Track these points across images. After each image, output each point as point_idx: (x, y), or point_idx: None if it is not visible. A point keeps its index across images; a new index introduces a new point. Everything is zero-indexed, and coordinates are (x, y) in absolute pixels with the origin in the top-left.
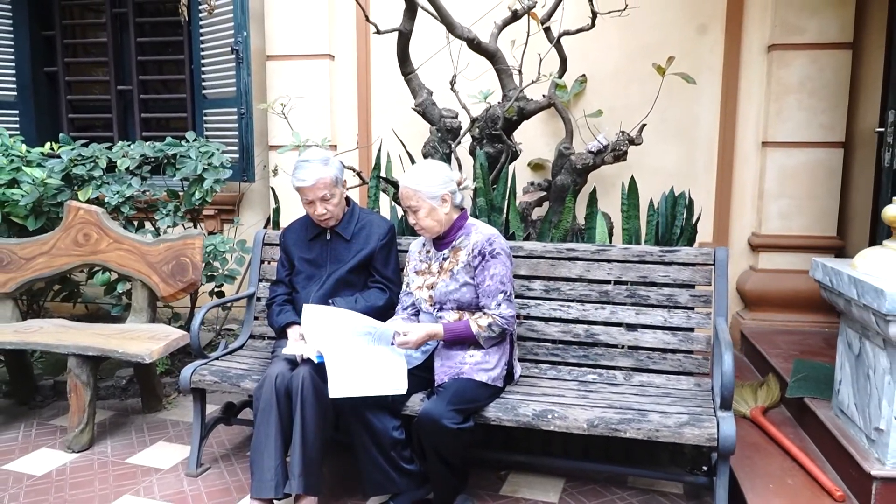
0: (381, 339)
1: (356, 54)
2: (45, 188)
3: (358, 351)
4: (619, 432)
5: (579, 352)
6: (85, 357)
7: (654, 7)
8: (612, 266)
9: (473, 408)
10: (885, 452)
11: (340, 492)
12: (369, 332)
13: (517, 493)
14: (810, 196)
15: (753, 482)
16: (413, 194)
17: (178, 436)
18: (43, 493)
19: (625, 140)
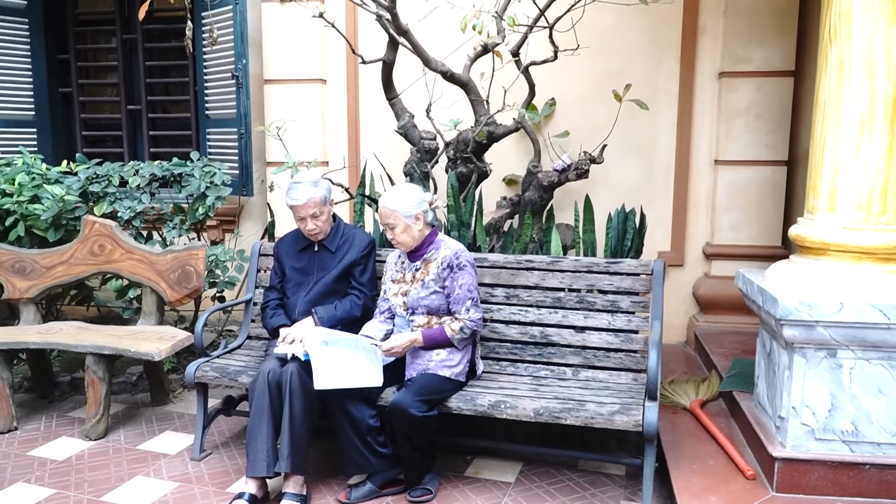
0: (365, 349)
1: (346, 79)
2: (64, 203)
3: (339, 350)
4: (561, 419)
5: (535, 351)
6: (101, 355)
7: (616, 37)
8: (565, 275)
9: (437, 399)
10: (785, 437)
11: (324, 471)
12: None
13: (480, 475)
14: (757, 209)
15: (680, 463)
16: (391, 213)
17: (184, 426)
18: (65, 475)
19: (586, 160)
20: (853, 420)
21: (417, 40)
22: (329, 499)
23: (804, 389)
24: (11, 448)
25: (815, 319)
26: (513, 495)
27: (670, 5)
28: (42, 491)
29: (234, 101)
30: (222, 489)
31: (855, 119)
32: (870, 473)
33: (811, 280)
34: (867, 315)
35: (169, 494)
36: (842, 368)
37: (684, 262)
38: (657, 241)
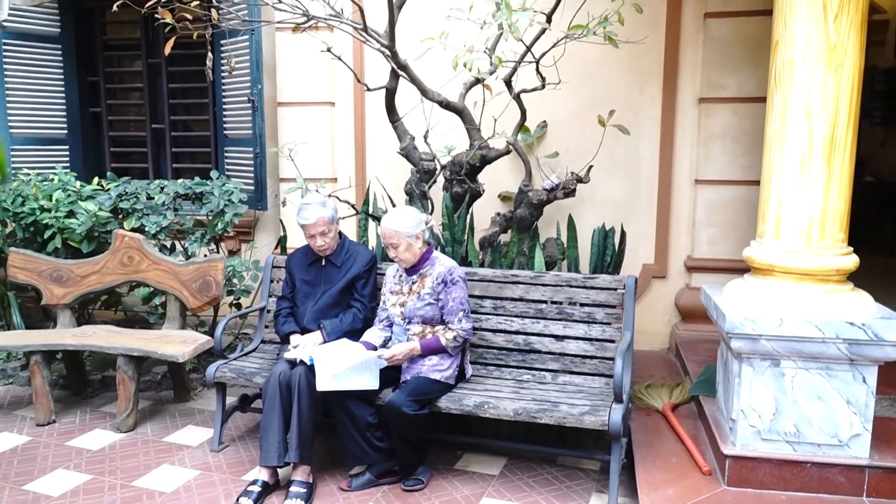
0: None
1: (353, 102)
2: (97, 218)
3: (341, 356)
4: (537, 419)
5: (519, 357)
6: (131, 357)
7: (603, 66)
8: (547, 289)
9: (428, 399)
10: (736, 437)
11: (328, 462)
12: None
13: (468, 468)
14: (734, 226)
15: (645, 460)
16: (394, 234)
17: (203, 421)
18: (99, 463)
19: (573, 179)
20: (795, 423)
21: (415, 73)
22: (332, 487)
23: (751, 395)
24: (51, 439)
25: (759, 333)
26: (496, 486)
27: (652, 37)
28: (80, 476)
29: (250, 123)
30: (238, 477)
31: (796, 156)
32: (811, 471)
33: (758, 297)
34: (804, 330)
35: (192, 481)
36: (784, 377)
37: (667, 274)
38: (641, 255)
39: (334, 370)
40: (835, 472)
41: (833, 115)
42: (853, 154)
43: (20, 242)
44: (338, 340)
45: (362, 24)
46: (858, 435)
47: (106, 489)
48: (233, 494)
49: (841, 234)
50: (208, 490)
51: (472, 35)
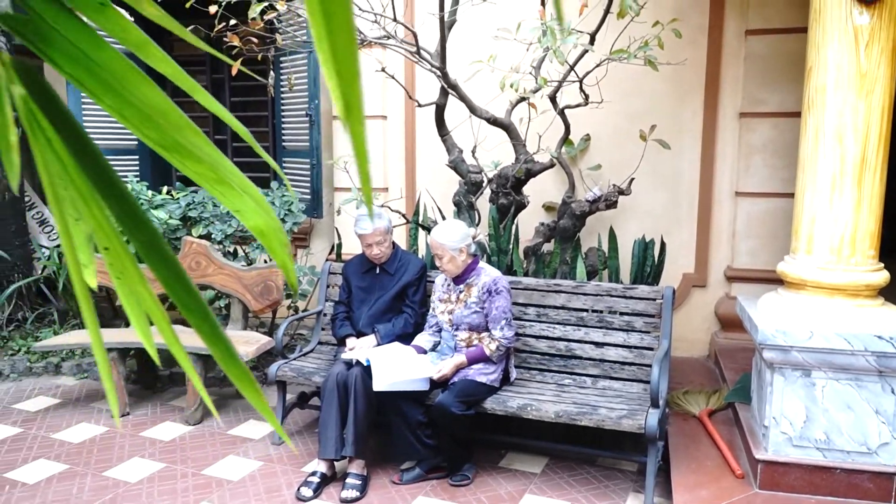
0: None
1: (404, 116)
2: (167, 226)
3: (395, 358)
4: (576, 421)
5: (560, 362)
6: (199, 355)
7: (645, 80)
8: (588, 298)
9: (474, 400)
10: (768, 443)
11: (381, 458)
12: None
13: (511, 466)
14: (773, 237)
15: (681, 463)
16: (440, 246)
17: (264, 416)
18: (171, 452)
19: (615, 191)
20: (825, 431)
21: (465, 92)
22: (385, 480)
23: (783, 403)
24: (126, 430)
25: (790, 345)
26: (538, 484)
27: (694, 53)
28: (155, 464)
29: (308, 135)
30: (298, 468)
31: (828, 177)
32: (840, 476)
33: (790, 310)
34: (833, 342)
35: (256, 471)
36: (815, 386)
37: (707, 283)
38: (682, 265)
39: (392, 378)
40: (863, 479)
41: (864, 138)
42: (884, 174)
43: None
44: (390, 344)
45: (415, 47)
46: (887, 443)
47: (178, 476)
48: (293, 484)
49: (871, 251)
50: (271, 480)
51: (518, 54)
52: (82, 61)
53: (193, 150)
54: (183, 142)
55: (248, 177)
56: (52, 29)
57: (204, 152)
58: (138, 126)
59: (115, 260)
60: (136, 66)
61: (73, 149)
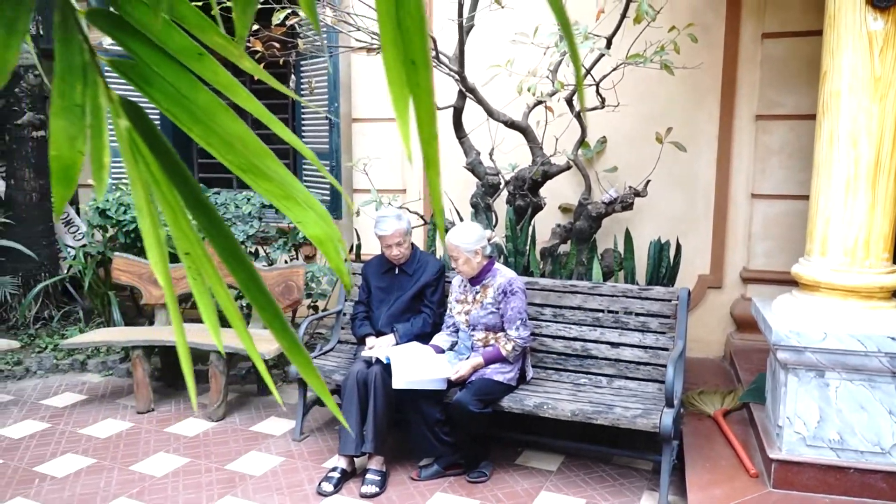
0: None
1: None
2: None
3: (414, 357)
4: (592, 420)
5: (576, 362)
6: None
7: (661, 83)
8: (604, 299)
9: (491, 398)
10: (782, 442)
11: (400, 454)
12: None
13: (527, 464)
14: (789, 239)
15: (696, 462)
16: (455, 248)
17: (285, 413)
18: (195, 448)
19: (631, 193)
20: (839, 431)
21: (482, 95)
22: (403, 476)
23: (797, 403)
24: (151, 425)
25: (804, 346)
26: (554, 481)
27: (710, 56)
28: (179, 459)
29: (328, 137)
30: (318, 464)
31: (842, 180)
32: (853, 476)
33: (804, 312)
34: (847, 343)
35: (277, 466)
36: (829, 387)
37: (723, 284)
38: (698, 266)
39: (410, 377)
40: (877, 479)
41: (878, 142)
42: None
43: (120, 247)
44: (409, 343)
45: (434, 52)
46: None
47: (203, 471)
48: (315, 479)
49: (885, 254)
50: (292, 475)
51: (535, 58)
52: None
53: (266, 172)
54: (259, 165)
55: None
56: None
57: (275, 173)
58: (221, 152)
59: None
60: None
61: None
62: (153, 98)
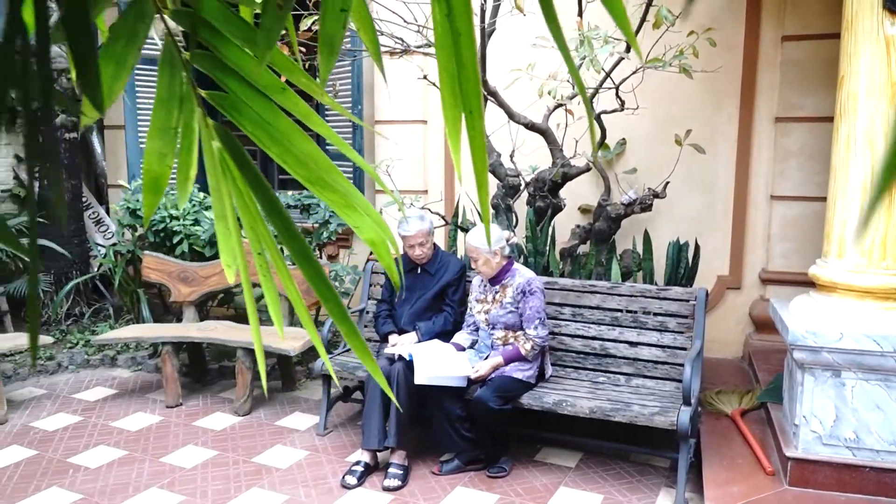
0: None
1: (443, 120)
2: None
3: (435, 355)
4: (610, 417)
5: (595, 360)
6: (248, 349)
7: (681, 85)
8: (622, 299)
9: (511, 395)
10: (798, 441)
11: (422, 449)
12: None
13: (546, 460)
14: (808, 240)
15: (713, 460)
16: (474, 249)
17: (308, 408)
18: (222, 441)
19: (650, 195)
20: (855, 430)
21: (503, 98)
22: (425, 470)
23: (813, 402)
24: (180, 419)
25: (820, 346)
26: (572, 477)
27: (730, 59)
28: (208, 452)
29: (351, 140)
30: (342, 458)
31: (859, 182)
32: (869, 475)
33: (821, 312)
34: (863, 344)
35: (302, 460)
36: (845, 386)
37: (741, 285)
38: (716, 267)
39: (432, 373)
40: (892, 478)
41: None
42: None
43: (149, 246)
44: (431, 341)
45: None
46: None
47: (230, 463)
48: (338, 473)
49: None
50: (317, 468)
51: (555, 61)
52: (262, 125)
53: (332, 184)
54: (326, 178)
55: (293, 179)
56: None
57: (339, 185)
58: (294, 168)
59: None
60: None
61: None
62: (241, 124)
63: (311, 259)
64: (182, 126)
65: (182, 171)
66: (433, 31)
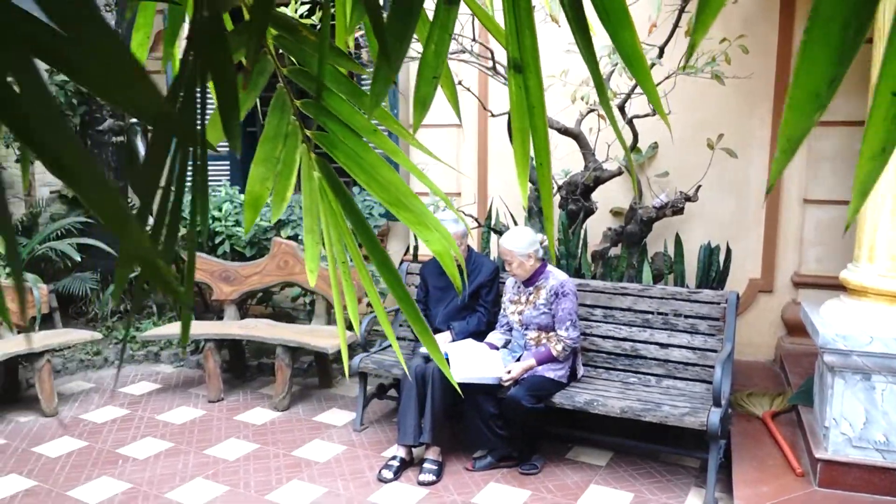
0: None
1: (477, 125)
2: (259, 227)
3: (469, 354)
4: (641, 417)
5: (626, 361)
6: (288, 347)
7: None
8: (653, 301)
9: (543, 394)
10: (828, 443)
11: (456, 446)
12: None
13: (577, 458)
14: (841, 244)
15: (742, 460)
16: (508, 252)
17: (345, 405)
18: (263, 435)
19: (681, 198)
20: (885, 433)
21: None
22: (458, 466)
23: (843, 405)
24: (222, 413)
25: (850, 349)
26: (603, 476)
27: (764, 63)
28: (249, 445)
29: None
30: (378, 453)
31: (889, 189)
32: None
33: (851, 316)
34: (893, 347)
35: (340, 454)
36: (875, 390)
37: (773, 288)
38: (748, 270)
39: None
40: None
41: None
42: None
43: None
44: (464, 340)
45: (491, 62)
46: None
47: (271, 456)
48: (375, 467)
49: None
50: (354, 462)
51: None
52: (354, 158)
53: (408, 205)
54: (404, 201)
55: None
56: (342, 142)
57: (414, 206)
58: (377, 192)
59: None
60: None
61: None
62: (337, 157)
63: (391, 267)
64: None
65: (279, 193)
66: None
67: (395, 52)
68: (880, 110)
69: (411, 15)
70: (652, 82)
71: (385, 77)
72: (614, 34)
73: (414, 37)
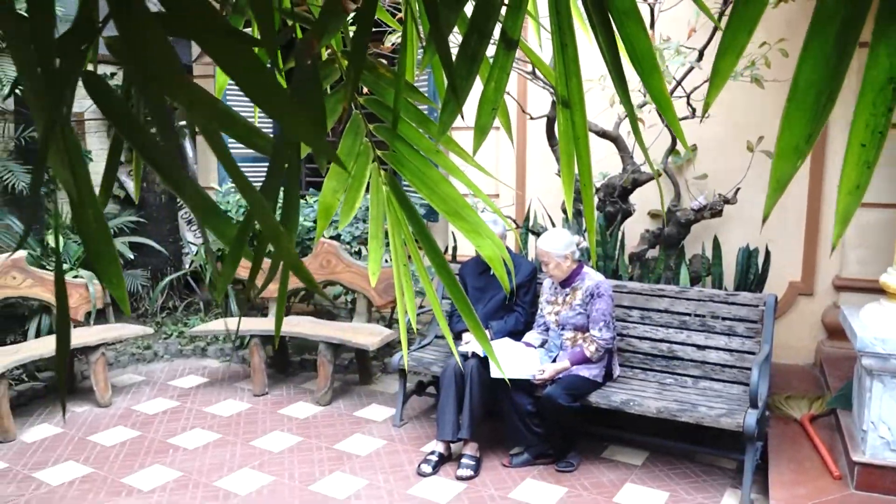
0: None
1: (516, 127)
2: (302, 227)
3: (508, 352)
4: (677, 417)
5: (662, 362)
6: (330, 344)
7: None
8: (690, 303)
9: (579, 393)
10: (865, 446)
11: (494, 442)
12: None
13: (613, 457)
14: (884, 247)
15: (780, 462)
16: (546, 254)
17: (384, 401)
18: (306, 428)
19: (720, 201)
20: None
21: None
22: (495, 462)
23: (881, 408)
24: (266, 407)
25: (889, 353)
26: (638, 475)
27: None
28: (293, 438)
29: None
30: (417, 448)
31: None
32: None
33: (891, 320)
34: None
35: (381, 448)
36: None
37: (814, 291)
38: (788, 273)
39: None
40: None
41: None
42: None
43: None
44: (502, 339)
45: (531, 69)
46: None
47: (314, 449)
48: (414, 462)
49: None
50: (394, 457)
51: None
52: (418, 174)
53: (463, 215)
54: (459, 210)
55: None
56: (408, 160)
57: (469, 215)
58: (436, 203)
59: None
60: (443, 175)
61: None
62: (403, 173)
63: (447, 269)
64: (355, 172)
65: (348, 203)
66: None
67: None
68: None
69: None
70: (678, 124)
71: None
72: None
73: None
